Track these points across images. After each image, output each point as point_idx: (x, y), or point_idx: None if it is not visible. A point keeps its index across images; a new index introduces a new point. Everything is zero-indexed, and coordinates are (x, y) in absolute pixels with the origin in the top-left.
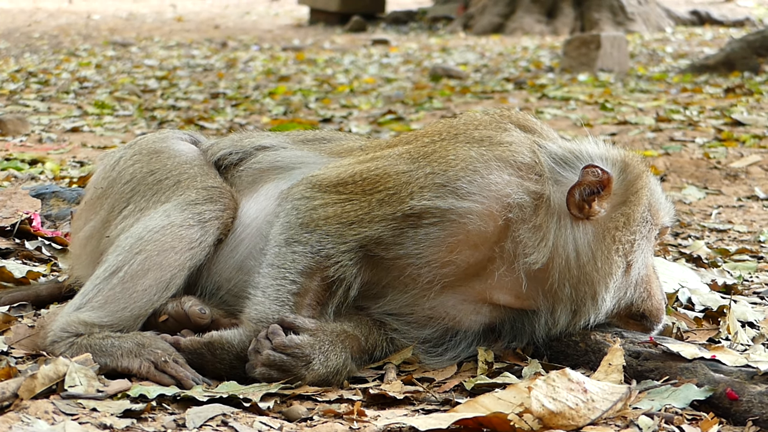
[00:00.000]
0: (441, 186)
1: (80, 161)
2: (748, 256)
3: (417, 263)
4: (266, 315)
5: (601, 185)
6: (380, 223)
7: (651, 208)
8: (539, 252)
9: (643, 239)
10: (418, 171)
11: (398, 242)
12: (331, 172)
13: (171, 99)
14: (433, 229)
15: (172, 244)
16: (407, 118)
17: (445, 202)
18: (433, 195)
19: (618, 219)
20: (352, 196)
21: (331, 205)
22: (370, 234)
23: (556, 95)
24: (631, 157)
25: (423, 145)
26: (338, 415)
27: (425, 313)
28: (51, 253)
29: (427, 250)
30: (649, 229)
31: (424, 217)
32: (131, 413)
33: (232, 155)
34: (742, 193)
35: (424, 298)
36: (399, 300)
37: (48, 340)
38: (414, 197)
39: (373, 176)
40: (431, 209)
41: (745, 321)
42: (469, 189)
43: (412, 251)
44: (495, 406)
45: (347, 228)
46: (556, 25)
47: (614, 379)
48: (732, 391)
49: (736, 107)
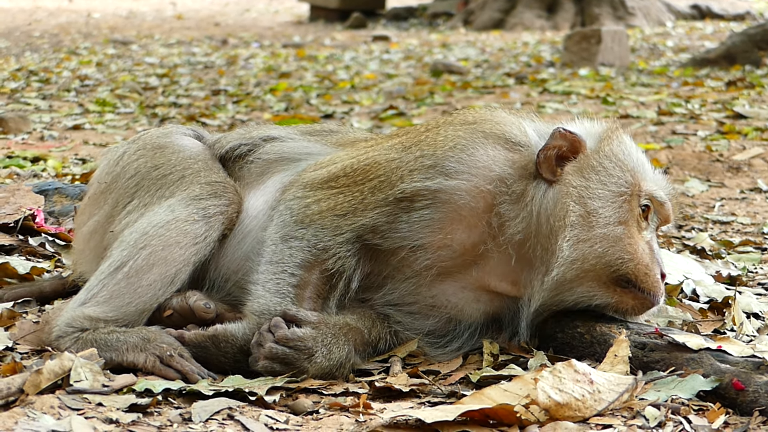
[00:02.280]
0: (430, 167)
1: (82, 158)
2: (751, 248)
3: (414, 248)
4: (268, 307)
5: (572, 149)
6: (374, 210)
7: (627, 168)
8: (520, 221)
9: (613, 195)
10: (408, 156)
11: (394, 228)
12: (321, 171)
13: (172, 96)
14: (426, 211)
15: (176, 239)
16: (409, 114)
17: (434, 183)
18: (422, 177)
19: (588, 178)
20: (344, 189)
21: (324, 200)
22: (365, 222)
23: (558, 90)
24: (611, 127)
25: (415, 135)
26: (344, 408)
27: (427, 302)
28: (55, 249)
29: (422, 233)
30: (624, 188)
31: (416, 200)
32: (137, 408)
33: (241, 147)
34: (745, 185)
35: (424, 287)
36: (400, 289)
37: (53, 336)
38: (404, 180)
39: (363, 166)
40: (422, 191)
41: (750, 312)
42: (457, 168)
43: (407, 236)
44: (501, 398)
45: (342, 219)
46: (556, 20)
47: (620, 370)
48: (738, 381)
49: (738, 100)
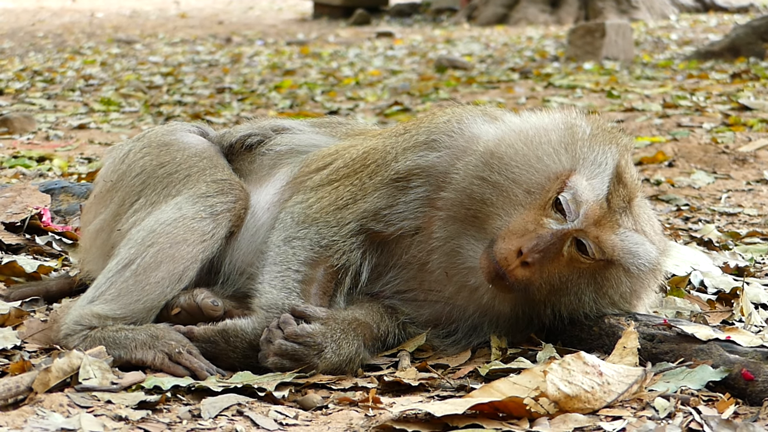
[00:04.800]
0: (422, 144)
1: (88, 158)
2: (759, 239)
3: (415, 232)
4: (275, 301)
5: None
6: (374, 193)
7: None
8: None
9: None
10: (402, 137)
11: (395, 211)
12: (323, 170)
13: (177, 95)
14: (420, 189)
15: (184, 236)
16: (413, 109)
17: (425, 160)
18: (414, 155)
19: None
20: (344, 180)
21: (326, 196)
22: (367, 207)
23: (562, 84)
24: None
25: (413, 122)
26: (353, 402)
27: (432, 287)
28: (61, 247)
29: (420, 212)
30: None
31: (411, 179)
32: (146, 405)
33: (252, 136)
34: (751, 177)
35: (426, 272)
36: (405, 276)
37: (61, 334)
38: (398, 160)
39: (361, 155)
40: (414, 170)
41: (758, 303)
42: (451, 143)
43: (407, 217)
44: (510, 391)
45: (344, 210)
46: (560, 15)
47: (629, 361)
48: (747, 371)
49: (743, 92)
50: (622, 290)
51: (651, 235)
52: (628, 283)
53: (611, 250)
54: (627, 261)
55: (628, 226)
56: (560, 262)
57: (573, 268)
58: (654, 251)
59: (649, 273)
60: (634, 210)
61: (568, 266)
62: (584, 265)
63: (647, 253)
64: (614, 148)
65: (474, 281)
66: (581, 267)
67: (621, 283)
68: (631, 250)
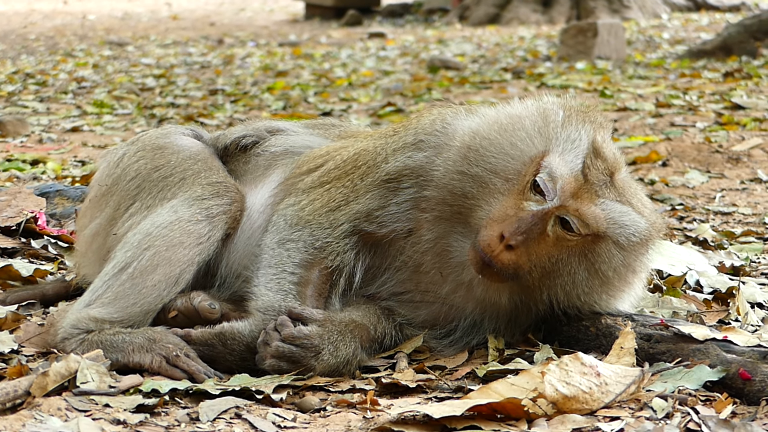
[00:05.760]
0: (410, 145)
1: (81, 160)
2: (753, 238)
3: (407, 234)
4: (272, 303)
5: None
6: (366, 194)
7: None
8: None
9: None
10: (392, 138)
11: (387, 212)
12: (313, 172)
13: (170, 97)
14: (410, 190)
15: (180, 239)
16: (406, 110)
17: (413, 160)
18: (403, 156)
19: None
20: (336, 182)
21: (318, 198)
22: (359, 209)
23: (555, 83)
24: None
25: (403, 123)
26: (351, 404)
27: (428, 288)
28: (57, 251)
29: (411, 214)
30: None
31: (401, 179)
32: (144, 408)
33: (246, 137)
34: (745, 176)
35: (422, 273)
36: (401, 278)
37: (58, 338)
38: (388, 161)
39: (352, 157)
40: (404, 170)
41: (754, 302)
42: (435, 141)
43: (399, 219)
44: (508, 392)
45: (337, 211)
46: (551, 14)
47: (627, 362)
48: (745, 371)
49: (736, 91)
50: (615, 265)
51: (638, 206)
52: (620, 256)
53: (594, 222)
54: (614, 232)
55: (610, 198)
56: (547, 243)
57: (562, 247)
58: (642, 221)
59: (641, 245)
60: (617, 183)
61: (556, 246)
62: (572, 242)
63: (634, 223)
64: (588, 126)
65: (467, 277)
66: (570, 245)
67: (612, 256)
68: (616, 220)
